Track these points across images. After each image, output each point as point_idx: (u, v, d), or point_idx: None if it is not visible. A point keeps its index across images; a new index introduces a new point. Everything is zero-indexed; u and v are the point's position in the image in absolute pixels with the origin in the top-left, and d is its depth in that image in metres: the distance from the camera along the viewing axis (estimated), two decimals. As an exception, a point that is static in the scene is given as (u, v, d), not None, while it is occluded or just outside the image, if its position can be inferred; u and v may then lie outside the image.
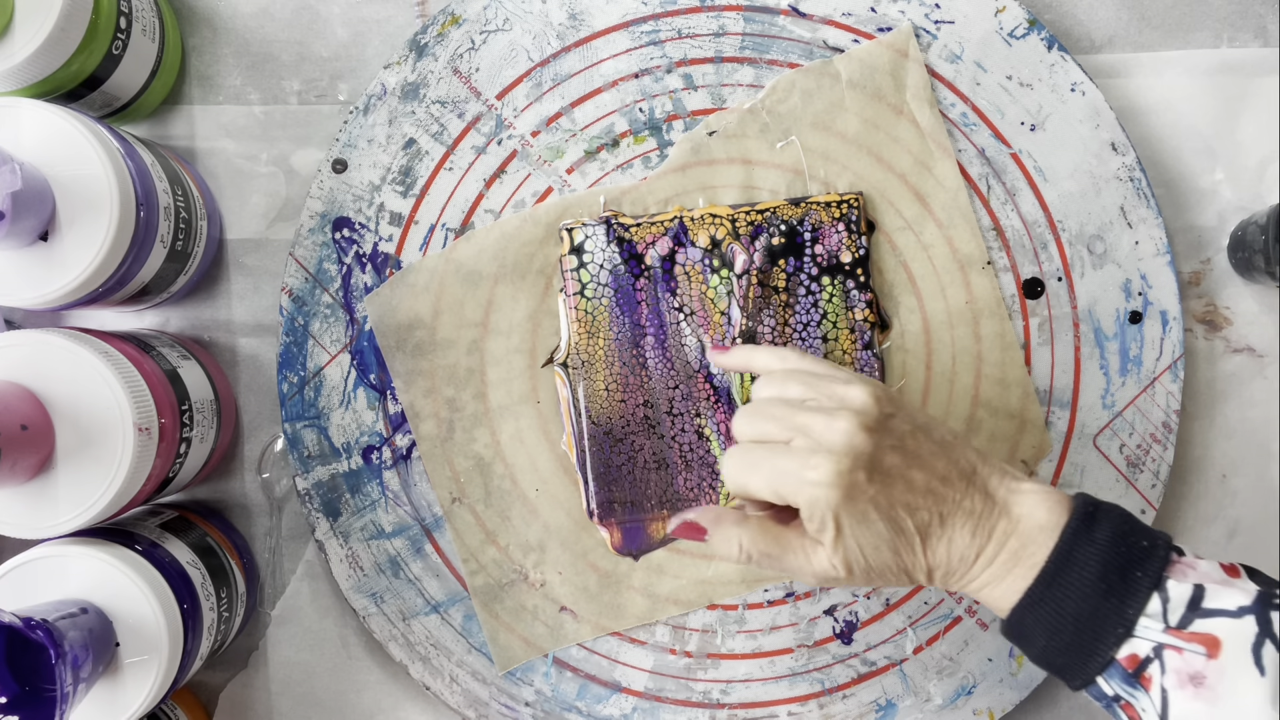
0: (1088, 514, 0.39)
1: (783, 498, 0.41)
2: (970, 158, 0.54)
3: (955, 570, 0.41)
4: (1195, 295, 0.56)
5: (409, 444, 0.54)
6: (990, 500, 0.41)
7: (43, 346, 0.44)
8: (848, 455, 0.40)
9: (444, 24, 0.54)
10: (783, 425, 0.41)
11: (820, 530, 0.40)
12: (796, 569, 0.42)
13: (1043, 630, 0.39)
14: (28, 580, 0.44)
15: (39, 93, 0.47)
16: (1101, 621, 0.38)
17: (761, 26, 0.54)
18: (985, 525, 0.40)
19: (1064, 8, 0.56)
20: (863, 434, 0.40)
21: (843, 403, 0.41)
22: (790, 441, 0.41)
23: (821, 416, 0.41)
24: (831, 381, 0.42)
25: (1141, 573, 0.38)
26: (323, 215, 0.54)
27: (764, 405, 0.43)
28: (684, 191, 0.54)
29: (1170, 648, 0.37)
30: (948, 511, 0.40)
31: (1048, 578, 0.39)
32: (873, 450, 0.40)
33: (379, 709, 0.57)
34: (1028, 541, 0.40)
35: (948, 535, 0.40)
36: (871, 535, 0.40)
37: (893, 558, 0.40)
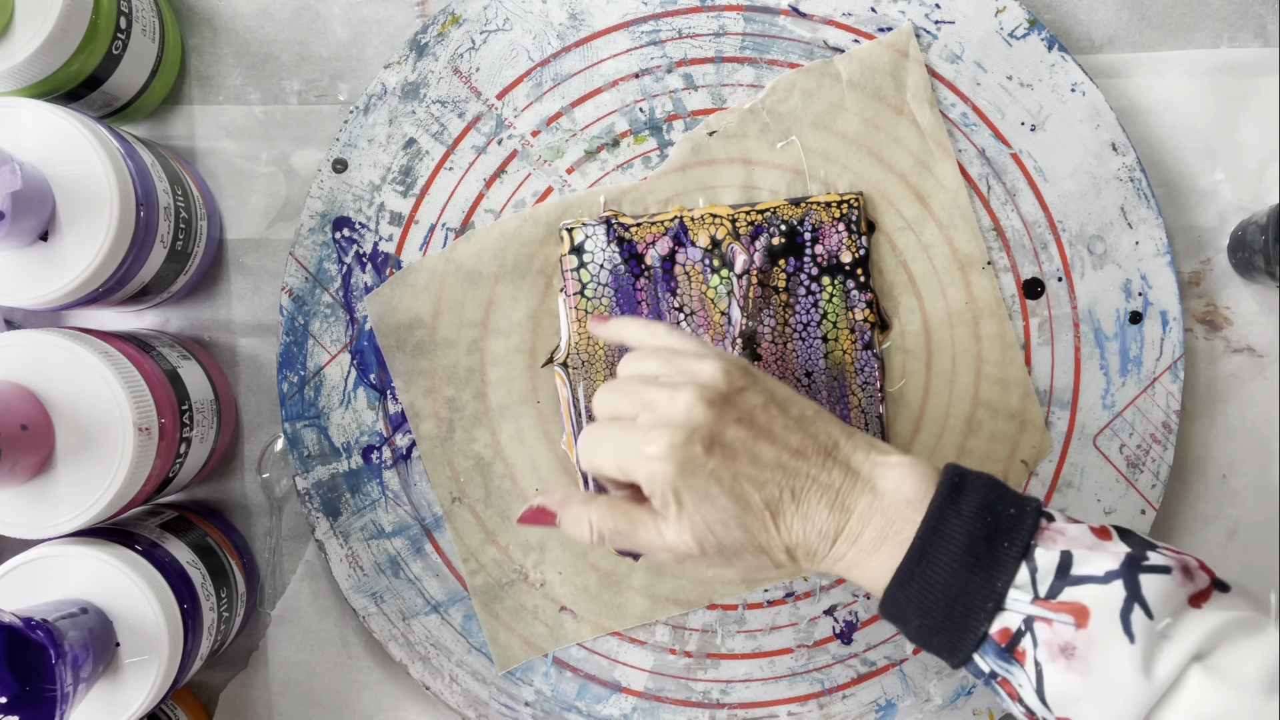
0: (954, 485, 0.38)
1: (626, 474, 0.40)
2: (970, 158, 0.54)
3: (816, 548, 0.39)
4: (1195, 295, 0.56)
5: (409, 444, 0.54)
6: (853, 475, 0.39)
7: (43, 346, 0.44)
8: (683, 429, 0.39)
9: (444, 24, 0.54)
10: (632, 401, 0.41)
11: (663, 505, 0.39)
12: (649, 545, 0.41)
13: (915, 609, 0.38)
14: (28, 580, 0.44)
15: (39, 93, 0.47)
16: (971, 596, 0.37)
17: (762, 26, 0.54)
18: (845, 501, 0.39)
19: (1064, 8, 0.56)
20: (702, 406, 0.39)
21: (692, 377, 0.40)
22: (637, 418, 0.40)
23: (666, 391, 0.40)
24: (686, 357, 0.42)
25: (1009, 543, 0.37)
26: (323, 215, 0.54)
27: (621, 382, 0.42)
28: (684, 191, 0.54)
29: (1040, 619, 0.36)
30: (800, 486, 0.39)
31: (915, 554, 0.38)
32: (712, 423, 0.39)
33: (379, 709, 0.57)
34: (894, 518, 0.39)
35: (803, 511, 0.39)
36: (716, 510, 0.39)
37: (743, 535, 0.39)
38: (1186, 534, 0.56)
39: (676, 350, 0.42)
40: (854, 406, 0.54)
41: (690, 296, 0.53)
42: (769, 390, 0.41)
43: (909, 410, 0.54)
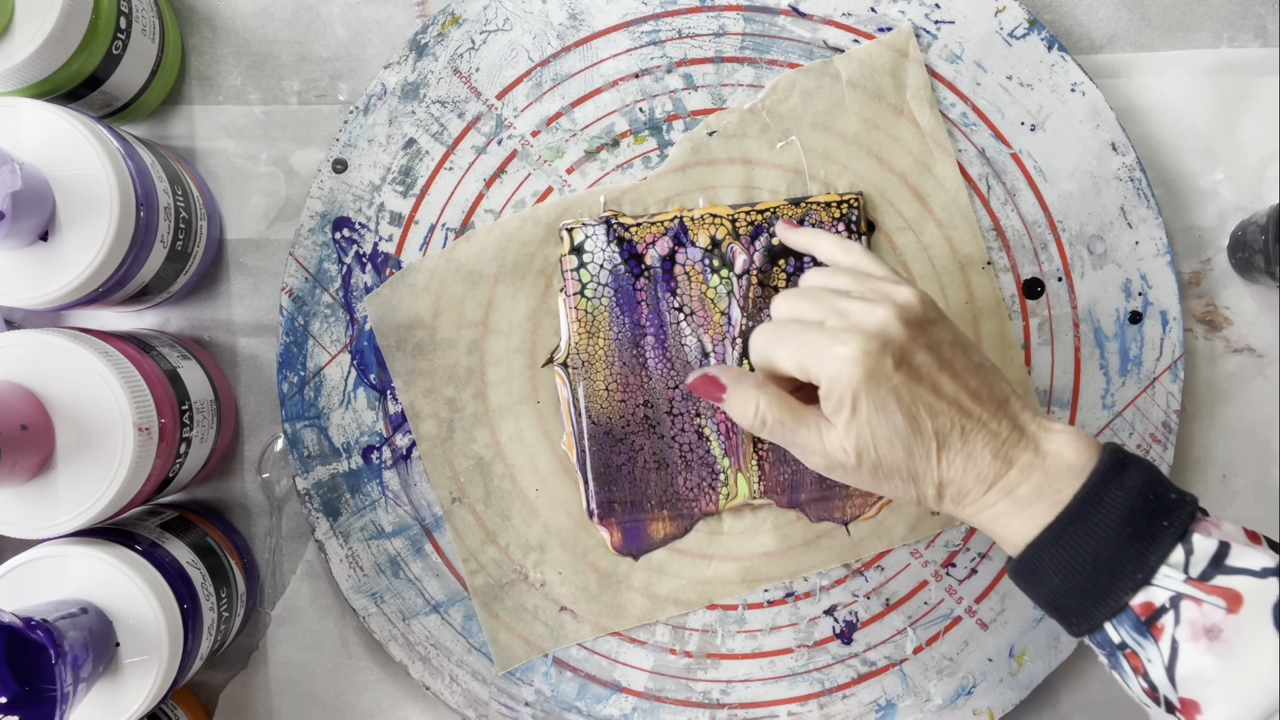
0: (1118, 460, 0.39)
1: (806, 371, 0.40)
2: (970, 158, 0.54)
3: (969, 491, 0.40)
4: (1195, 295, 0.56)
5: (409, 444, 0.54)
6: (1019, 430, 0.40)
7: (43, 346, 0.44)
8: (878, 338, 0.39)
9: (444, 24, 0.54)
10: (821, 306, 0.41)
11: (837, 409, 0.40)
12: (807, 445, 0.41)
13: (1058, 568, 0.38)
14: (28, 580, 0.44)
15: (39, 93, 0.47)
16: (1121, 565, 0.37)
17: (761, 26, 0.54)
18: (1009, 453, 0.39)
19: (1064, 8, 0.56)
20: (898, 323, 0.40)
21: (888, 296, 0.41)
22: (824, 322, 0.41)
23: (861, 303, 0.41)
24: (882, 280, 0.42)
25: (1168, 523, 0.37)
26: (323, 215, 0.54)
27: (808, 290, 0.43)
28: (684, 191, 0.54)
29: (1189, 598, 0.37)
30: (971, 427, 0.40)
31: (1071, 514, 0.38)
32: (905, 341, 0.40)
33: (379, 709, 0.57)
34: (1053, 478, 0.39)
35: (968, 450, 0.39)
36: (886, 426, 0.39)
37: (905, 457, 0.40)
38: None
39: (870, 273, 0.43)
40: (854, 406, 0.54)
41: (690, 296, 0.53)
42: (955, 331, 0.42)
43: (909, 410, 0.54)
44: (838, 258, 0.46)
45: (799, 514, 0.54)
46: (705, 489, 0.54)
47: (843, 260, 0.45)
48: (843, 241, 0.46)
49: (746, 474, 0.54)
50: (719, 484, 0.54)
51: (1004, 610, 0.55)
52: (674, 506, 0.54)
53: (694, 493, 0.54)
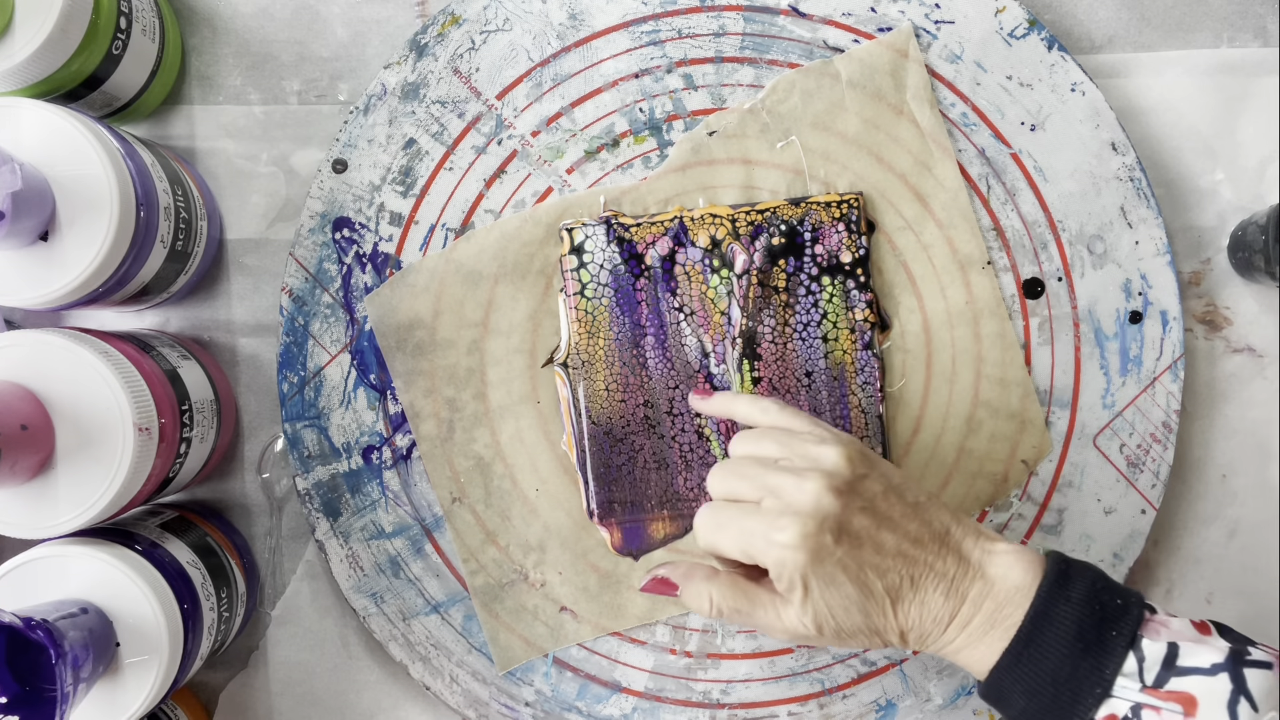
0: (1061, 572, 0.40)
1: (751, 558, 0.41)
2: (970, 158, 0.54)
3: (929, 633, 0.41)
4: (1195, 295, 0.56)
5: (409, 444, 0.54)
6: (964, 562, 0.41)
7: (43, 346, 0.44)
8: (814, 517, 0.40)
9: (444, 24, 0.54)
10: (754, 485, 0.42)
11: (789, 590, 0.41)
12: (767, 625, 0.42)
13: (1021, 691, 0.39)
14: (28, 580, 0.44)
15: (39, 93, 0.47)
16: (1080, 681, 0.38)
17: (761, 26, 0.54)
18: (959, 588, 0.40)
19: (1064, 8, 0.56)
20: (830, 496, 0.40)
21: (815, 463, 0.42)
22: (761, 502, 0.41)
23: (792, 478, 0.41)
24: (806, 440, 0.43)
25: (1116, 631, 0.38)
26: (323, 215, 0.54)
27: (738, 464, 0.43)
28: (684, 191, 0.54)
29: (1148, 707, 0.37)
30: (919, 574, 0.41)
31: (1025, 637, 0.39)
32: (840, 512, 0.40)
33: (379, 709, 0.57)
34: (1004, 603, 0.40)
35: (920, 598, 0.40)
36: (840, 597, 0.40)
37: (863, 619, 0.41)
38: (1186, 534, 0.56)
39: (793, 432, 0.44)
40: (854, 406, 0.54)
41: (690, 296, 0.53)
42: (886, 475, 0.42)
43: (909, 410, 0.54)
44: (757, 419, 0.46)
45: (799, 514, 0.54)
46: (705, 489, 0.54)
47: (762, 422, 0.46)
48: (758, 401, 0.46)
49: (746, 474, 0.54)
50: (719, 484, 0.54)
51: (1004, 610, 0.55)
52: (674, 506, 0.54)
53: (694, 493, 0.54)
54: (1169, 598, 0.57)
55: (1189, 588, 0.56)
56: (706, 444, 0.54)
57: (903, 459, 0.54)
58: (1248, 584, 0.56)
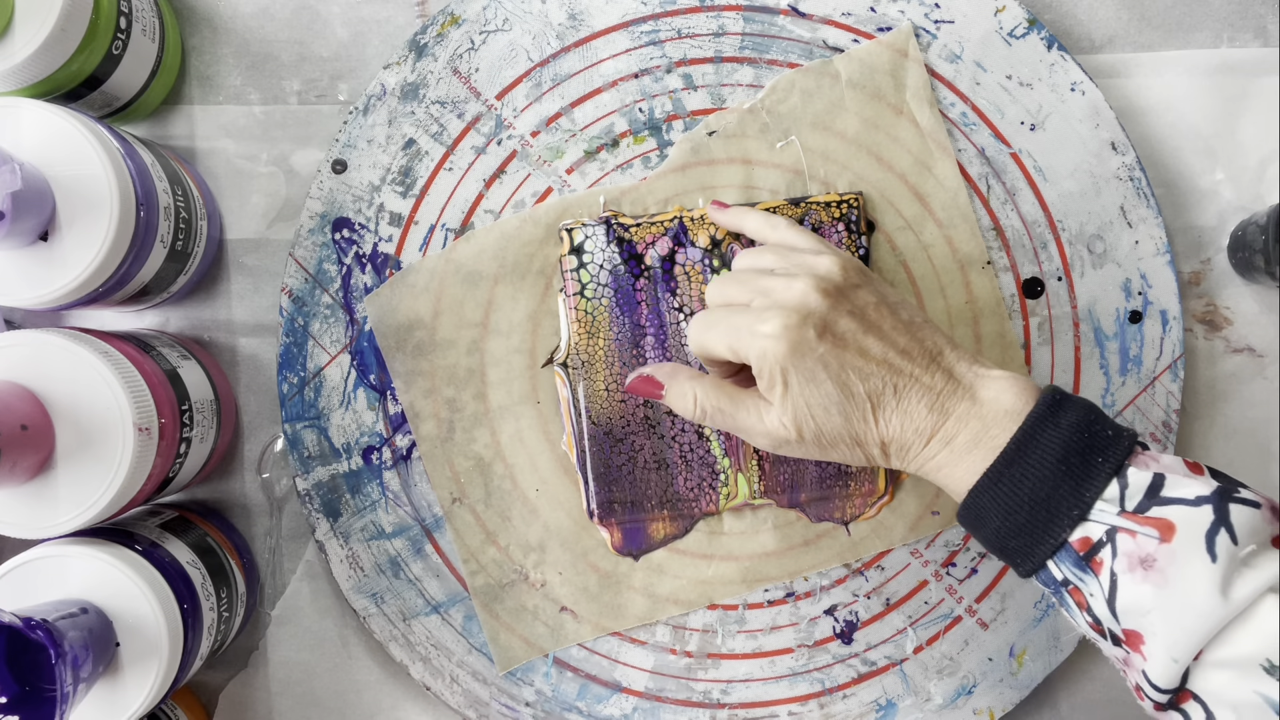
0: (1054, 402, 0.39)
1: (737, 353, 0.41)
2: (970, 157, 0.54)
3: (910, 445, 0.41)
4: (1195, 295, 0.56)
5: (409, 444, 0.54)
6: (954, 381, 0.41)
7: (43, 346, 0.44)
8: (798, 311, 0.40)
9: (444, 24, 0.54)
10: (747, 288, 0.43)
11: (770, 386, 0.41)
12: (749, 427, 0.42)
13: (998, 510, 0.39)
14: (28, 580, 0.44)
15: (39, 93, 0.47)
16: (1058, 503, 0.38)
17: (761, 26, 0.54)
18: (944, 404, 0.40)
19: (1064, 7, 0.56)
20: (817, 294, 0.41)
21: (809, 269, 0.42)
22: (751, 303, 0.42)
23: (783, 280, 0.42)
24: (803, 253, 0.44)
25: (1103, 458, 0.38)
26: (322, 215, 0.54)
27: (736, 273, 0.44)
28: (684, 191, 0.54)
29: (1124, 530, 0.37)
30: (903, 384, 0.41)
31: (1008, 457, 0.39)
32: (826, 311, 0.41)
33: (379, 709, 0.57)
34: (990, 424, 0.40)
35: (903, 408, 0.40)
36: (820, 395, 0.40)
37: (843, 423, 0.41)
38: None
39: (794, 246, 0.45)
40: (854, 406, 0.54)
41: (690, 296, 0.53)
42: (881, 292, 0.43)
43: (909, 410, 0.54)
44: (763, 232, 0.47)
45: (799, 514, 0.54)
46: (705, 489, 0.54)
47: (769, 236, 0.47)
48: (769, 218, 0.47)
49: (746, 474, 0.54)
50: (719, 484, 0.54)
51: (1004, 610, 0.55)
52: (674, 506, 0.54)
53: (694, 493, 0.54)
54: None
55: (1189, 587, 0.56)
56: (706, 444, 0.54)
57: (903, 459, 0.54)
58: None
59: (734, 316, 0.42)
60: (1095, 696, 0.57)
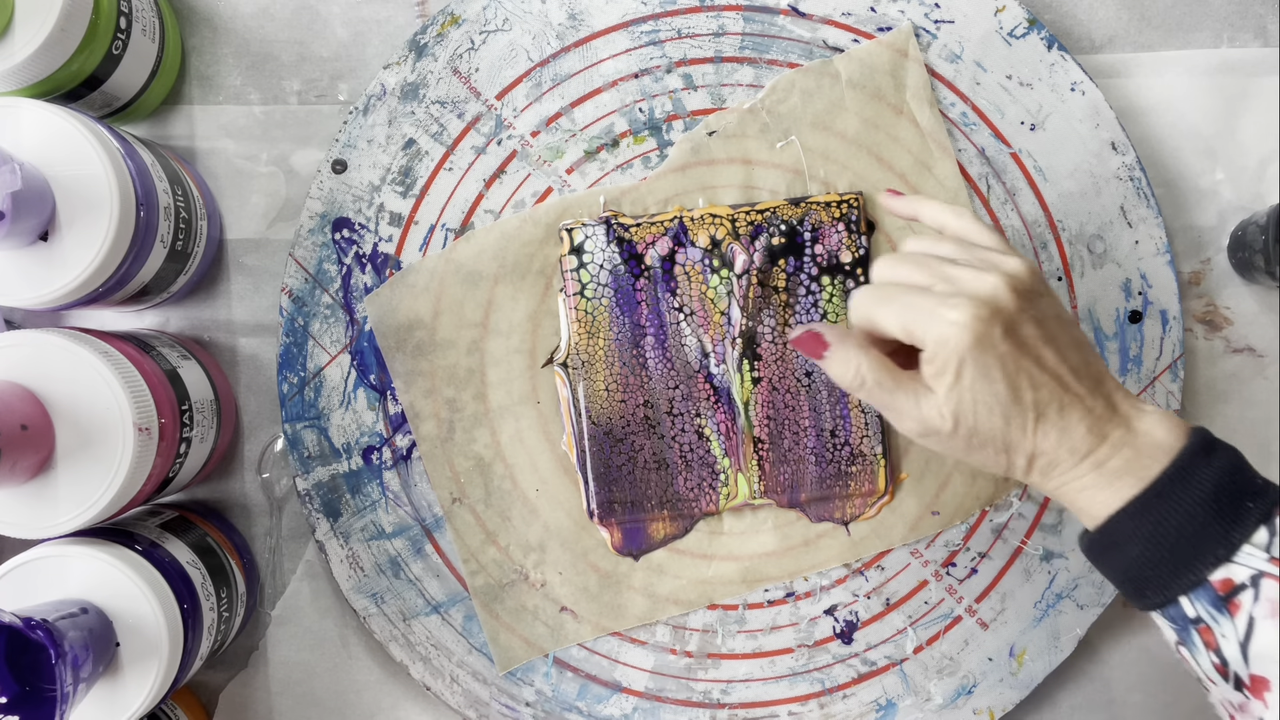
0: (1207, 441, 0.39)
1: (911, 334, 0.40)
2: (970, 157, 0.54)
3: (1060, 463, 0.40)
4: (1195, 295, 0.56)
5: (409, 444, 0.54)
6: (1112, 408, 0.40)
7: (43, 346, 0.44)
8: (988, 305, 0.39)
9: (444, 24, 0.54)
10: (928, 271, 0.41)
11: (939, 373, 0.40)
12: (903, 409, 0.41)
13: (1140, 539, 0.39)
14: (28, 580, 0.44)
15: (39, 93, 0.47)
16: (1204, 541, 0.38)
17: (761, 26, 0.54)
18: (1103, 428, 0.40)
19: (1064, 8, 0.56)
20: (1009, 292, 0.40)
21: (996, 266, 0.41)
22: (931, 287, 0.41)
23: (971, 270, 0.41)
24: (988, 250, 0.42)
25: (1253, 504, 0.38)
26: (322, 216, 0.54)
27: (911, 255, 0.43)
28: (684, 191, 0.54)
29: (1269, 576, 0.37)
30: (1069, 402, 0.40)
31: (1159, 489, 0.39)
32: (1014, 311, 0.40)
33: (379, 709, 0.57)
34: (1143, 455, 0.39)
35: (1064, 424, 0.40)
36: (988, 393, 0.39)
37: (1002, 426, 0.40)
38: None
39: (977, 241, 0.43)
40: (854, 406, 0.54)
41: (690, 296, 0.53)
42: (1059, 305, 0.42)
43: (909, 410, 0.54)
44: (946, 222, 0.45)
45: (799, 514, 0.54)
46: (705, 489, 0.54)
47: (951, 225, 0.45)
48: (951, 207, 0.45)
49: (747, 474, 0.54)
50: (719, 484, 0.54)
51: (1004, 610, 0.55)
52: (674, 506, 0.54)
53: (694, 493, 0.54)
54: (1169, 597, 0.57)
55: (1189, 587, 0.56)
56: (706, 444, 0.54)
57: (903, 459, 0.54)
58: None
59: (914, 296, 0.40)
60: (1095, 697, 0.57)
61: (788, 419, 0.54)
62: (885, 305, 0.41)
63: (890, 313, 0.41)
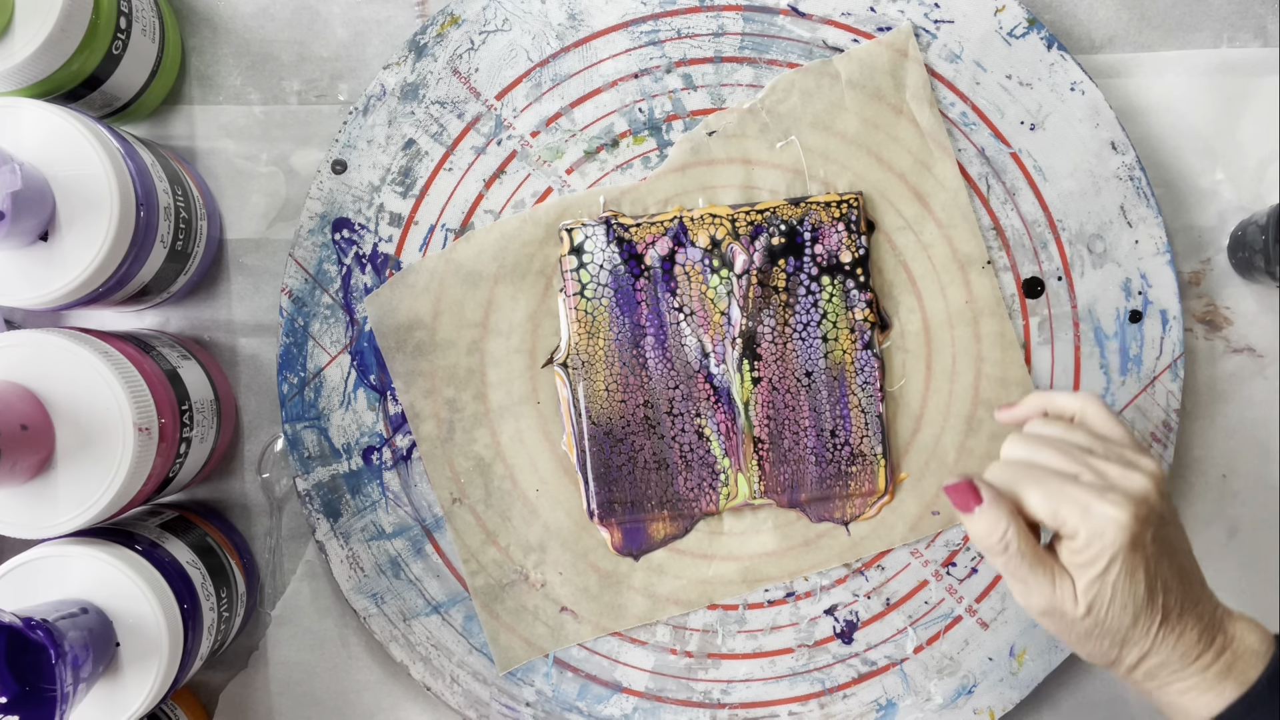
0: None
1: (1060, 521, 0.41)
2: (970, 157, 0.54)
3: (1169, 664, 0.41)
4: (1195, 295, 0.56)
5: (409, 445, 0.54)
6: (1214, 612, 0.42)
7: (43, 346, 0.44)
8: (1145, 504, 0.40)
9: (443, 24, 0.54)
10: (1072, 459, 0.42)
11: (1087, 564, 0.40)
12: (1034, 586, 0.41)
13: None
14: (28, 580, 0.44)
15: (39, 93, 0.47)
16: None
17: (761, 26, 0.54)
18: (1211, 632, 0.41)
19: (1064, 7, 0.56)
20: (1158, 495, 0.41)
21: (1135, 464, 0.42)
22: (1079, 476, 0.41)
23: (1119, 466, 0.41)
24: (1122, 445, 0.43)
25: None
26: (322, 216, 0.54)
27: (1049, 439, 0.43)
28: (684, 191, 0.54)
29: None
30: (1188, 606, 0.41)
31: (1260, 693, 0.40)
32: (1162, 513, 0.41)
33: (379, 709, 0.57)
34: (1240, 659, 0.41)
35: (1181, 627, 0.41)
36: (1128, 592, 0.40)
37: (1130, 624, 0.41)
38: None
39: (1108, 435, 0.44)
40: (854, 406, 0.54)
41: (690, 296, 0.53)
42: (1175, 509, 0.43)
43: (909, 410, 0.54)
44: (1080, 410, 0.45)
45: (799, 514, 0.54)
46: (705, 489, 0.54)
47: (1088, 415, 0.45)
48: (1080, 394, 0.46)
49: (747, 474, 0.54)
50: (719, 484, 0.54)
51: (1004, 609, 0.55)
52: (674, 507, 0.54)
53: (694, 493, 0.54)
54: (1169, 597, 0.57)
55: (1189, 587, 0.56)
56: (706, 444, 0.54)
57: (903, 459, 0.54)
58: (1248, 584, 0.56)
59: (1064, 484, 0.41)
60: (1095, 696, 0.57)
61: (788, 419, 0.54)
62: (1035, 486, 0.41)
63: (1040, 495, 0.41)
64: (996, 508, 0.41)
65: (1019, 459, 0.43)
